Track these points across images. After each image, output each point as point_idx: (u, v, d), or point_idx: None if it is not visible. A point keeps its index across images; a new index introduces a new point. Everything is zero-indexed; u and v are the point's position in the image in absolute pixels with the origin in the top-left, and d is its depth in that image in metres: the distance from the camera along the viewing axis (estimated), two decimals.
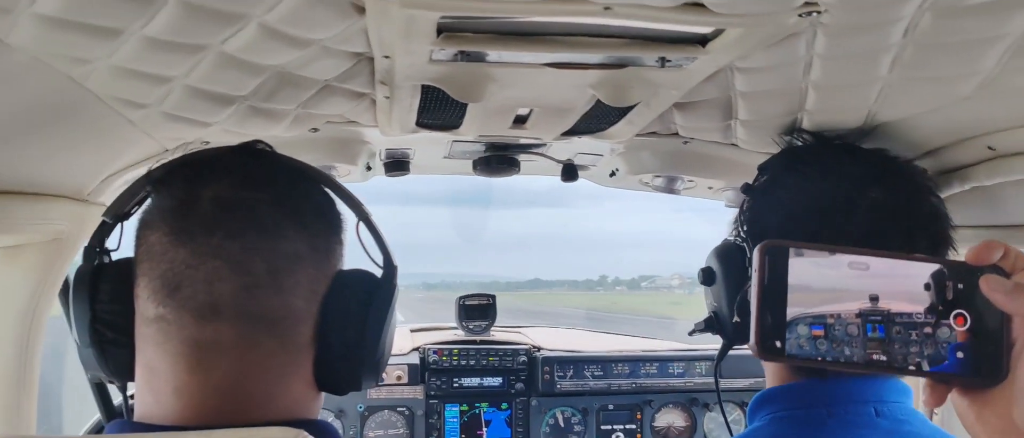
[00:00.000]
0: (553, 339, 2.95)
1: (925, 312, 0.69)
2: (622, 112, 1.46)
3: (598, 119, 1.52)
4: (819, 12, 0.90)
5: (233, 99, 1.25)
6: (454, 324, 2.89)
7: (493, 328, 2.89)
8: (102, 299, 0.86)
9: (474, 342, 2.79)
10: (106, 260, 0.92)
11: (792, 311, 0.67)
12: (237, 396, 0.81)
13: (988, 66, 1.04)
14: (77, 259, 1.61)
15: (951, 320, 0.69)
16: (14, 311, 1.59)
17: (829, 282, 0.68)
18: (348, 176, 1.93)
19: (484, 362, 2.74)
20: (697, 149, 1.80)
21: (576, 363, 2.77)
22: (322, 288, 0.88)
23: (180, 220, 0.82)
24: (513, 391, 2.76)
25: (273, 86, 1.22)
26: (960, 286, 0.69)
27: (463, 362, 2.73)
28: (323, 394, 0.95)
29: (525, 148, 1.90)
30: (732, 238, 1.16)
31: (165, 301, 0.80)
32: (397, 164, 2.04)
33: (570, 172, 2.02)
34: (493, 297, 2.86)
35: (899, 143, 1.49)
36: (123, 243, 0.96)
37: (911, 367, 0.69)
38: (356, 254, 0.98)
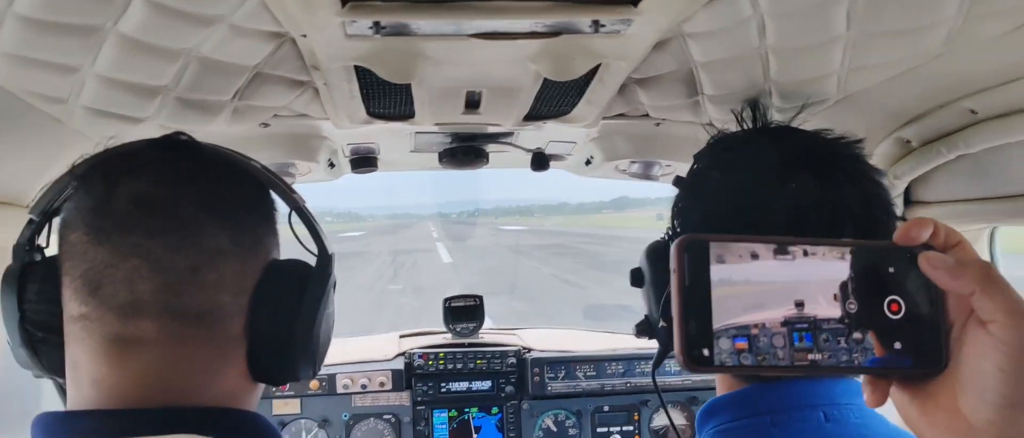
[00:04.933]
0: (545, 340, 2.86)
1: (857, 303, 0.62)
2: (579, 91, 1.38)
3: (557, 101, 1.44)
4: None
5: (156, 90, 1.18)
6: (443, 328, 2.82)
7: (482, 330, 2.81)
8: (30, 298, 0.85)
9: (461, 345, 2.71)
10: (37, 258, 0.90)
11: (717, 317, 0.60)
12: (159, 388, 0.80)
13: (949, 13, 0.95)
14: None
15: (885, 308, 0.62)
16: None
17: (753, 280, 0.61)
18: (309, 174, 1.87)
19: (472, 365, 2.65)
20: (671, 131, 1.72)
21: (567, 363, 2.67)
22: (251, 281, 0.86)
23: (98, 219, 0.81)
24: (503, 395, 2.67)
25: (196, 74, 1.16)
26: (891, 270, 0.62)
27: (450, 366, 2.64)
28: (261, 385, 0.93)
29: (493, 138, 1.83)
30: (666, 236, 1.07)
31: (87, 300, 0.79)
32: (363, 160, 1.97)
33: (540, 161, 1.93)
34: (480, 298, 2.77)
35: (878, 113, 1.40)
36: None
37: (843, 365, 0.62)
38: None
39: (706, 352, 0.59)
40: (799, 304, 0.61)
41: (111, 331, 0.79)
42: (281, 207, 0.96)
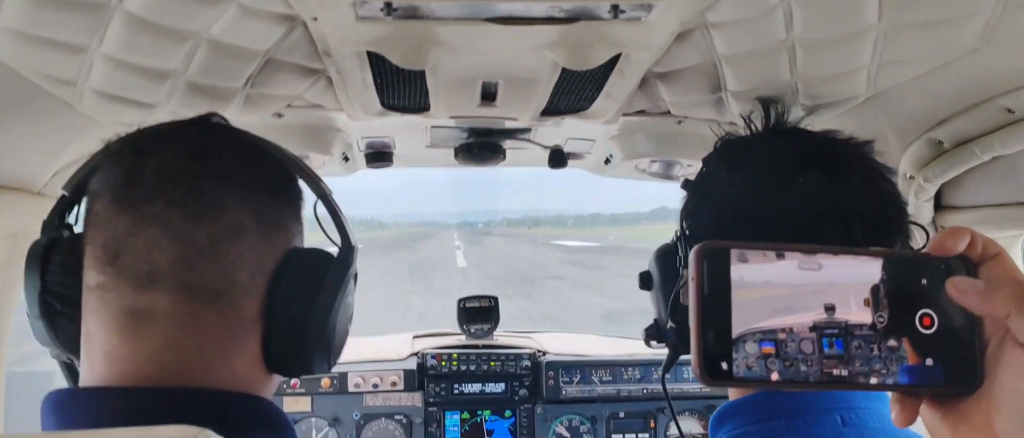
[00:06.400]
0: (560, 343, 2.82)
1: (887, 316, 0.58)
2: (598, 85, 1.35)
3: (575, 95, 1.41)
4: None
5: (165, 73, 1.16)
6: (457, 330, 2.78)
7: (496, 332, 2.77)
8: (52, 270, 0.85)
9: (475, 347, 2.68)
10: (65, 235, 0.89)
11: (740, 323, 0.57)
12: (170, 365, 0.79)
13: (986, 4, 0.91)
14: None
15: (917, 322, 0.58)
16: None
17: (777, 289, 0.58)
18: (323, 167, 1.85)
19: (486, 367, 2.61)
20: (693, 129, 1.68)
21: (583, 368, 2.63)
22: (270, 263, 0.85)
23: (123, 189, 0.81)
24: (517, 398, 2.63)
25: (205, 58, 1.14)
26: (924, 282, 0.58)
27: (463, 367, 2.61)
28: (276, 377, 0.91)
29: (510, 134, 1.80)
30: (675, 238, 1.05)
31: (105, 269, 0.79)
32: (378, 155, 1.95)
33: (558, 158, 1.90)
34: (495, 299, 2.74)
35: (909, 113, 1.35)
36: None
37: (874, 381, 0.58)
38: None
39: (725, 365, 0.56)
40: (829, 308, 0.57)
41: (126, 303, 0.78)
42: (307, 198, 0.95)
